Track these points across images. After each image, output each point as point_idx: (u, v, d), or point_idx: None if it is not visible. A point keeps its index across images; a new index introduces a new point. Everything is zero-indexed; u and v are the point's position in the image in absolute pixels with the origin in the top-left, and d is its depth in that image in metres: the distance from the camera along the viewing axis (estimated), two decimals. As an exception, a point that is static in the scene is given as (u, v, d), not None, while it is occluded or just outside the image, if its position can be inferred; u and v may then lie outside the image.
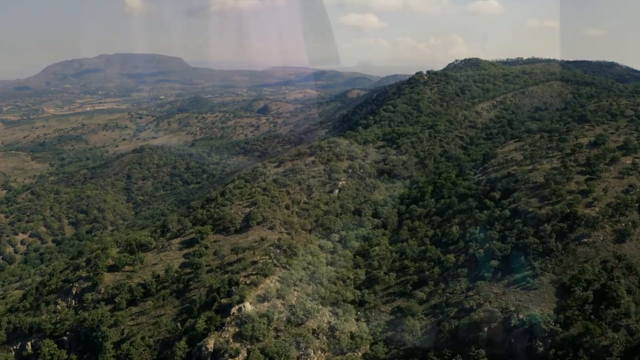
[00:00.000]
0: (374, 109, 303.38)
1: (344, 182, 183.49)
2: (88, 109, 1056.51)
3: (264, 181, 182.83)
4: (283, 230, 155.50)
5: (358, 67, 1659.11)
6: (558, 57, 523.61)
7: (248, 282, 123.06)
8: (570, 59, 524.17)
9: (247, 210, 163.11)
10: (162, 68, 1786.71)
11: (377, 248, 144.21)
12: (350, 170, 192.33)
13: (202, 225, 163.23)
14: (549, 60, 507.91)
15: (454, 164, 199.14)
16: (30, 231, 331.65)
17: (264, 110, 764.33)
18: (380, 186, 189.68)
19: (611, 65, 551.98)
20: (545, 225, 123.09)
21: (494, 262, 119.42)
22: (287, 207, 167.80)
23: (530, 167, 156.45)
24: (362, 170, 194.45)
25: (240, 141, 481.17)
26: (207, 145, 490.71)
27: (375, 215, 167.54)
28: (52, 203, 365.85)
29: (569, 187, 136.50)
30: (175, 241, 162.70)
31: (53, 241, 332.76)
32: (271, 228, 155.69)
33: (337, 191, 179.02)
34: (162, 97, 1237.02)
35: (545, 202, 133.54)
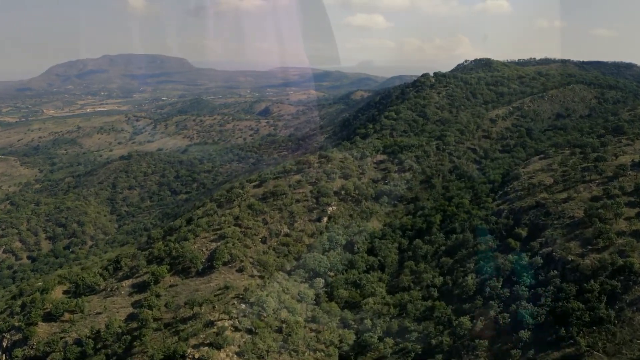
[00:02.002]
0: (375, 115, 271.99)
1: (334, 208, 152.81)
2: (88, 110, 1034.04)
3: (239, 206, 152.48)
4: (255, 272, 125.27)
5: (358, 68, 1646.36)
6: (565, 57, 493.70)
7: (197, 355, 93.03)
8: (578, 59, 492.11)
9: (214, 245, 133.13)
10: (166, 69, 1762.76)
11: (370, 300, 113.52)
12: (343, 192, 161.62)
13: (159, 263, 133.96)
14: (563, 61, 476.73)
15: (466, 184, 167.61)
16: (3, 247, 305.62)
17: (265, 112, 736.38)
18: (379, 211, 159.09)
19: (629, 66, 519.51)
20: (592, 282, 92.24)
21: (524, 333, 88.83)
22: (263, 241, 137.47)
23: (564, 195, 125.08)
24: (357, 192, 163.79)
25: (234, 147, 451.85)
26: (201, 151, 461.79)
27: (371, 251, 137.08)
28: (30, 215, 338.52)
29: (618, 227, 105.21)
30: (127, 283, 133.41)
31: (28, 257, 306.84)
32: (240, 270, 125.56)
33: (325, 219, 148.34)
34: (164, 98, 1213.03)
35: (589, 247, 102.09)
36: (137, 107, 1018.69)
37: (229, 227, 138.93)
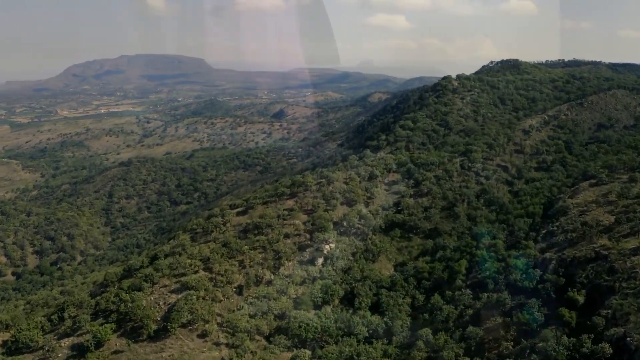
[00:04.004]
0: (389, 123, 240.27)
1: (332, 246, 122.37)
2: (102, 110, 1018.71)
3: (214, 243, 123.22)
4: (221, 339, 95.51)
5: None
6: (590, 59, 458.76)
7: None
8: (605, 61, 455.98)
9: (174, 298, 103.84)
10: (184, 69, 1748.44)
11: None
12: (344, 224, 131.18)
13: (106, 317, 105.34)
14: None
15: (498, 216, 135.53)
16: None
17: (279, 114, 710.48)
18: (389, 249, 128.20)
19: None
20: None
21: None
22: (238, 292, 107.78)
23: (632, 243, 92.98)
24: (362, 222, 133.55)
25: (242, 153, 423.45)
26: (207, 157, 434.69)
27: (376, 306, 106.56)
28: (18, 227, 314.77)
29: None
30: (66, 342, 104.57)
31: (13, 274, 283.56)
32: (203, 335, 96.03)
33: (320, 261, 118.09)
34: (180, 99, 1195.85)
35: (683, 332, 70.99)
36: (152, 108, 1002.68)
37: (196, 272, 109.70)
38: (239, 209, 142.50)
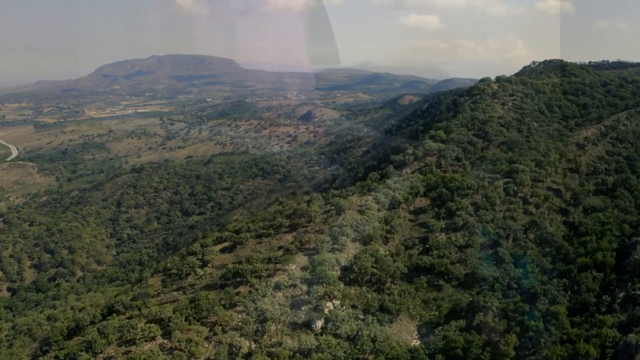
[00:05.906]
0: (419, 132, 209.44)
1: (336, 303, 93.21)
2: (130, 111, 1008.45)
3: (184, 294, 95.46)
4: None
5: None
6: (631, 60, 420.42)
7: None
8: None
9: (118, 378, 76.58)
10: (214, 70, 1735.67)
11: None
12: (354, 269, 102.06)
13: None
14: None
15: (554, 263, 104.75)
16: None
17: (307, 116, 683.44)
18: (411, 304, 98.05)
19: None
20: None
21: None
22: (204, 370, 79.84)
23: None
24: (378, 267, 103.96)
25: (261, 159, 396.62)
26: (224, 163, 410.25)
27: (391, 396, 77.75)
28: (17, 238, 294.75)
29: None
30: None
31: (8, 289, 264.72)
32: None
33: (319, 324, 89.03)
34: (209, 99, 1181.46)
35: None
36: (179, 109, 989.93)
37: (152, 339, 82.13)
38: (225, 244, 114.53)
